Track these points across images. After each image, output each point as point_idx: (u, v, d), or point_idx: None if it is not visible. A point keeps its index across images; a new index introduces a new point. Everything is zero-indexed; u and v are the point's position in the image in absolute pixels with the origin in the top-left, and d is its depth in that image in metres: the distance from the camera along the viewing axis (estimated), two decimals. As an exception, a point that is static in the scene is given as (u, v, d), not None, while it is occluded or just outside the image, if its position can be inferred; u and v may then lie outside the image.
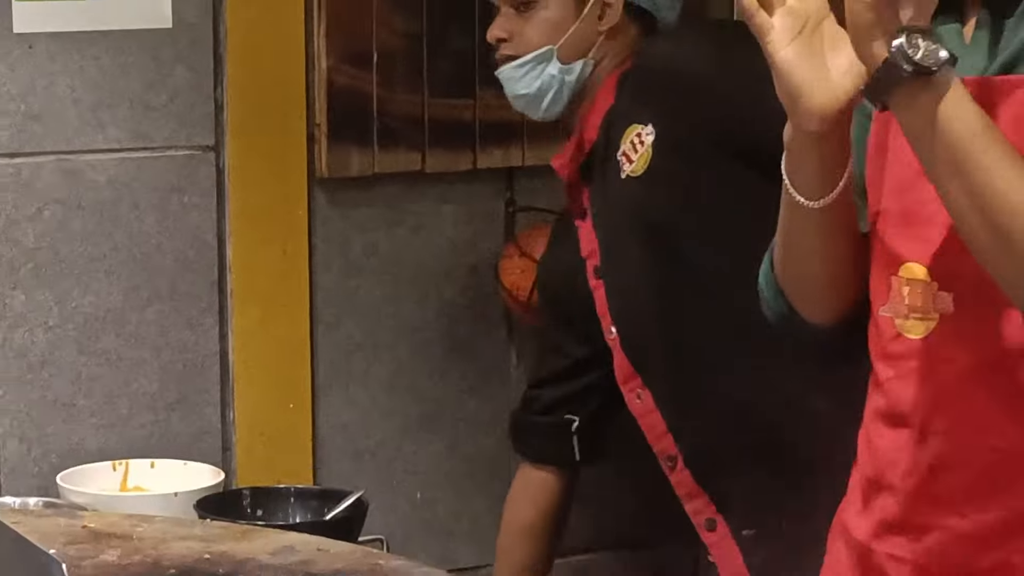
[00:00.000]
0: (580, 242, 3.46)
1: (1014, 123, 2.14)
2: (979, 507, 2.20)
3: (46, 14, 3.58)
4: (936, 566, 2.25)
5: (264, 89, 3.78)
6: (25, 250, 3.61)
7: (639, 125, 3.25)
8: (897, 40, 2.01)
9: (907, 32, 2.01)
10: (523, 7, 3.32)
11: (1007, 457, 2.17)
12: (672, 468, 3.33)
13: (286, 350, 3.85)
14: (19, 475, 3.61)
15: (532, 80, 3.34)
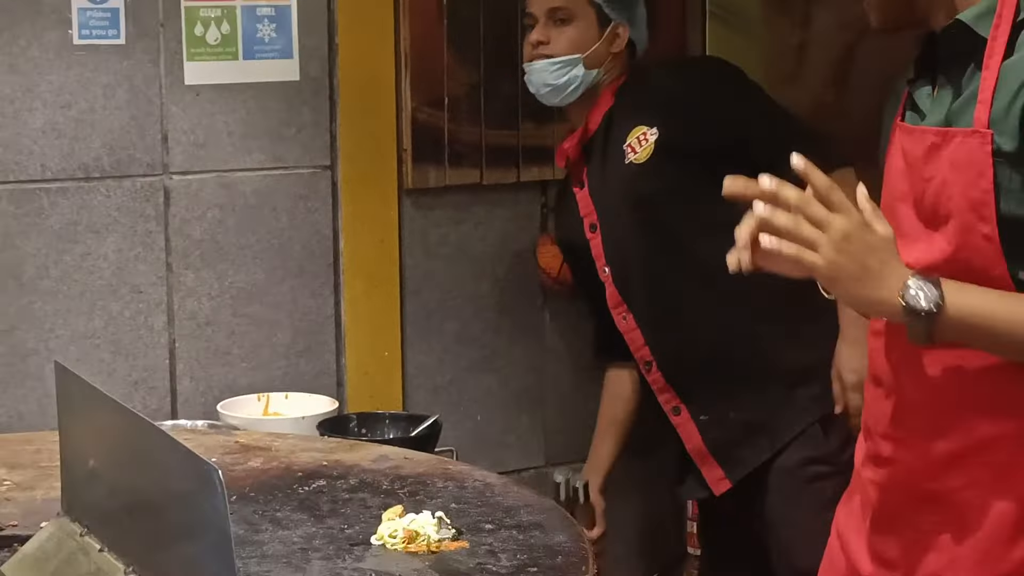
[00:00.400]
0: (578, 205, 3.52)
1: (950, 165, 2.10)
2: (924, 449, 2.18)
3: (209, 71, 3.55)
4: (894, 489, 2.23)
5: (366, 124, 3.75)
6: (194, 241, 3.59)
7: (645, 127, 3.34)
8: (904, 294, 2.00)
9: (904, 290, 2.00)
10: (559, 22, 3.41)
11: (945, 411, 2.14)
12: (648, 370, 3.44)
13: (382, 313, 3.82)
14: (190, 405, 3.60)
15: (560, 76, 3.40)
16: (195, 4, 3.51)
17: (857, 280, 2.05)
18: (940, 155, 2.10)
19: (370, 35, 3.73)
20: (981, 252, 2.07)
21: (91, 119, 3.45)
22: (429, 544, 2.04)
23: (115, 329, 3.53)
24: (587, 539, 2.13)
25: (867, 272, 2.04)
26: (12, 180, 3.39)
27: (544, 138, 3.91)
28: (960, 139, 2.07)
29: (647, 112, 3.39)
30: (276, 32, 3.61)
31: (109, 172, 3.48)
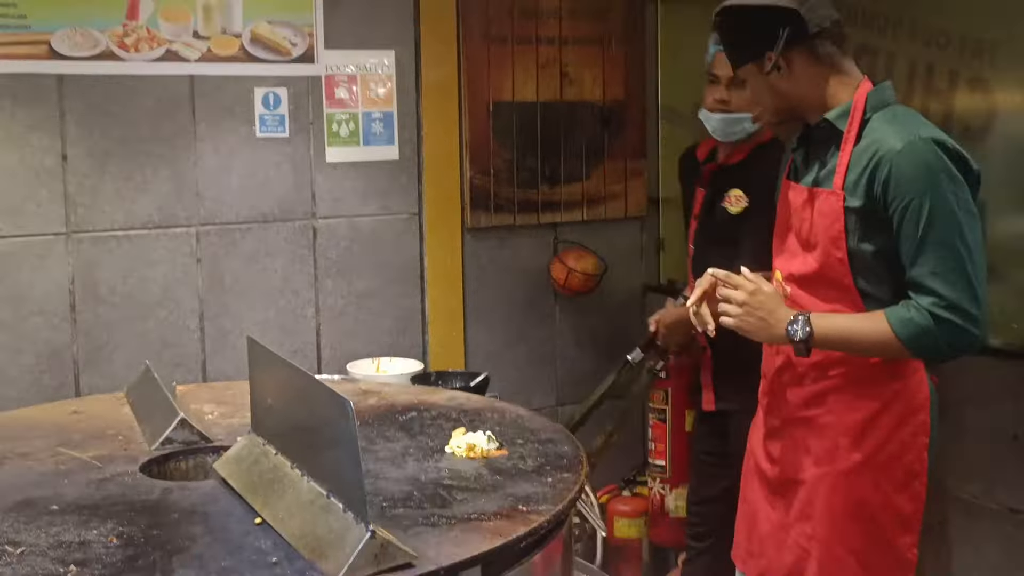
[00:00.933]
0: (696, 198, 3.09)
1: (817, 212, 2.13)
2: (797, 390, 2.21)
3: (342, 153, 3.53)
4: (777, 413, 2.25)
5: (441, 186, 3.72)
6: (332, 261, 3.58)
7: (740, 190, 2.92)
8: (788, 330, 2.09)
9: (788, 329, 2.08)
10: (738, 84, 2.75)
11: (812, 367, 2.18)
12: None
13: (451, 307, 3.78)
14: (329, 365, 3.58)
15: (733, 127, 2.88)
16: (333, 111, 3.50)
17: (759, 329, 2.13)
18: (812, 205, 2.14)
19: (443, 129, 3.70)
20: (836, 269, 2.11)
21: (267, 184, 3.45)
22: (482, 452, 2.04)
23: (282, 317, 3.51)
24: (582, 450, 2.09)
25: (763, 322, 2.11)
26: (218, 222, 3.39)
27: (555, 195, 3.89)
28: (824, 196, 2.11)
29: (751, 181, 2.92)
30: (384, 128, 3.59)
31: (279, 217, 3.48)
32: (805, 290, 2.16)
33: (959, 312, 2.00)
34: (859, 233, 2.07)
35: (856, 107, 2.11)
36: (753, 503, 2.36)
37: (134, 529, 1.68)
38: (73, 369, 3.22)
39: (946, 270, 1.99)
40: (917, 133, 2.03)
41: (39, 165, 3.14)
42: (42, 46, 3.08)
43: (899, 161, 2.00)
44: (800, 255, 2.18)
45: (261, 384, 1.97)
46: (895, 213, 2.02)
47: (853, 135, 2.10)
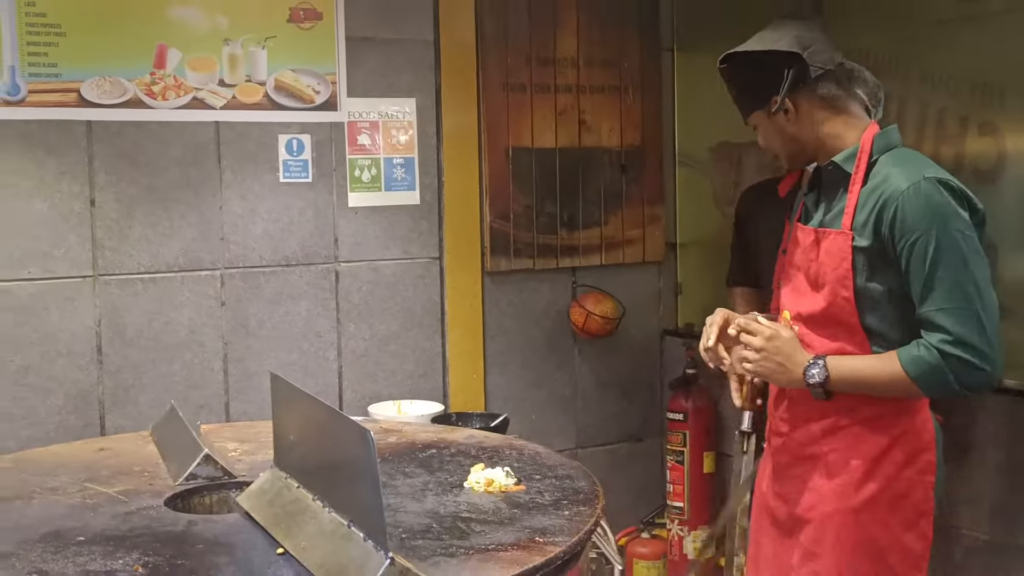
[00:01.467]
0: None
1: (825, 252, 2.16)
2: (805, 428, 2.24)
3: (364, 198, 3.59)
4: (785, 451, 2.28)
5: (462, 231, 3.76)
6: (354, 304, 3.62)
7: None
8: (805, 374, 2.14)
9: (805, 372, 2.13)
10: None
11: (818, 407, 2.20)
12: None
13: (471, 350, 3.81)
14: (351, 407, 3.61)
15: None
16: (355, 156, 3.56)
17: (777, 373, 2.18)
18: (820, 246, 2.17)
19: (464, 175, 3.75)
20: (844, 308, 2.13)
21: (291, 228, 3.50)
22: (500, 487, 2.07)
23: (305, 360, 3.55)
24: (599, 485, 2.11)
25: (781, 367, 2.16)
26: (242, 266, 3.43)
27: (573, 240, 3.94)
28: (832, 236, 2.15)
29: None
30: (405, 174, 3.65)
31: (302, 261, 3.52)
32: (812, 329, 2.19)
33: (968, 348, 2.01)
34: (867, 272, 2.10)
35: (863, 149, 2.15)
36: (762, 544, 2.36)
37: (159, 559, 1.72)
38: (99, 409, 3.27)
39: (954, 307, 2.01)
40: (923, 173, 2.07)
41: (68, 210, 3.21)
42: (72, 94, 3.16)
43: (905, 200, 2.04)
44: (808, 295, 2.21)
45: (284, 419, 2.01)
46: (903, 251, 2.05)
47: (860, 176, 2.13)
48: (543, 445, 2.77)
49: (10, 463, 2.40)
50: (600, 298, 3.93)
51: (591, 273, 4.00)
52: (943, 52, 3.03)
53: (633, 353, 4.13)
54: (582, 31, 3.93)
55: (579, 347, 4.02)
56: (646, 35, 4.05)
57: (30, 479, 2.22)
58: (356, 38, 3.54)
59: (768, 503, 2.33)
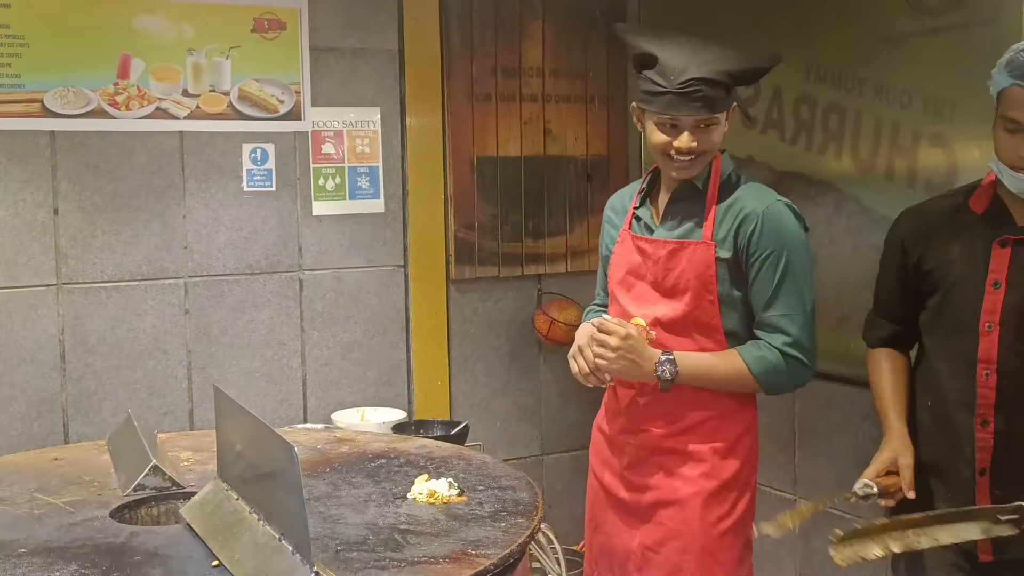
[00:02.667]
0: (991, 258, 2.12)
1: (688, 261, 2.39)
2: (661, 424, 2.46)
3: (328, 207, 3.61)
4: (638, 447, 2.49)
5: (426, 239, 3.78)
6: (318, 312, 3.64)
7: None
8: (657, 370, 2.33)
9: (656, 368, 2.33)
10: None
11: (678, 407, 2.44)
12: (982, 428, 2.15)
13: (436, 357, 3.84)
14: (315, 414, 3.63)
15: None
16: (319, 165, 3.59)
17: (631, 369, 2.35)
18: (680, 255, 2.38)
19: (428, 184, 3.77)
20: (707, 311, 2.37)
21: (254, 237, 3.52)
22: (442, 498, 2.09)
23: (269, 367, 3.57)
24: (540, 495, 2.13)
25: (634, 363, 2.34)
26: (205, 274, 3.46)
27: (539, 248, 3.97)
28: (694, 246, 2.37)
29: None
30: (369, 183, 3.67)
31: (265, 269, 3.54)
32: (672, 333, 2.39)
33: (803, 350, 2.33)
34: (727, 280, 2.35)
35: (716, 169, 2.39)
36: (611, 534, 2.53)
37: (96, 571, 1.75)
38: (63, 417, 3.30)
39: (794, 313, 2.32)
40: (774, 197, 2.37)
41: (32, 219, 3.24)
42: (35, 104, 3.19)
43: (764, 220, 2.32)
44: (662, 302, 2.40)
45: (226, 432, 2.04)
46: (755, 263, 2.33)
47: (715, 195, 2.37)
48: (507, 452, 2.78)
49: (-36, 472, 2.42)
50: (565, 305, 3.96)
51: (556, 281, 4.03)
52: (897, 67, 3.07)
53: (598, 360, 4.15)
54: (548, 42, 3.97)
55: (544, 354, 4.05)
56: (612, 45, 4.08)
57: (-19, 489, 2.25)
58: (321, 48, 3.57)
59: (617, 495, 2.51)
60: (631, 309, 2.45)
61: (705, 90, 2.28)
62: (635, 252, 2.47)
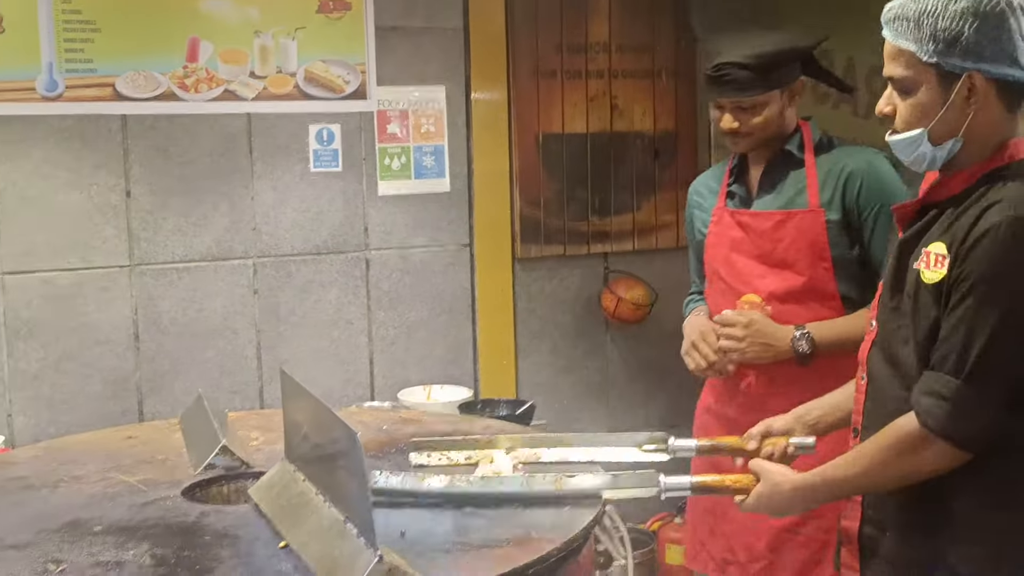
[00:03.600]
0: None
1: (799, 231, 2.36)
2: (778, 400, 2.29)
3: (394, 186, 3.64)
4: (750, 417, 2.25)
5: (492, 217, 3.80)
6: (384, 292, 3.68)
7: (943, 244, 1.72)
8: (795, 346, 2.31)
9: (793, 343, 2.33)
10: (903, 94, 1.75)
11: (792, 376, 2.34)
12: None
13: (502, 336, 3.85)
14: (382, 392, 3.66)
15: (910, 153, 1.77)
16: (385, 145, 3.61)
17: (763, 352, 2.35)
18: (787, 225, 2.37)
19: (493, 163, 3.78)
20: (822, 278, 2.36)
21: (320, 217, 3.55)
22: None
23: (336, 346, 3.61)
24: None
25: (765, 346, 2.35)
26: (274, 255, 3.50)
27: (605, 226, 3.96)
28: (802, 215, 2.37)
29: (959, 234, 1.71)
30: (435, 162, 3.69)
31: (332, 249, 3.58)
32: (788, 304, 2.36)
33: None
34: (842, 242, 2.34)
35: (807, 137, 2.42)
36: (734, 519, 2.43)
37: (167, 551, 1.79)
38: (137, 396, 3.38)
39: None
40: (873, 152, 2.40)
41: (105, 202, 3.30)
42: (107, 88, 3.25)
43: (868, 175, 2.35)
44: (773, 274, 2.38)
45: (293, 414, 2.06)
46: (868, 219, 2.33)
47: (812, 160, 2.39)
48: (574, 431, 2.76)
49: (42, 451, 2.49)
50: (631, 284, 3.94)
51: (623, 259, 4.01)
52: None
53: (666, 340, 4.07)
54: (614, 16, 3.93)
55: (611, 334, 4.04)
56: (680, 19, 4.02)
57: (58, 468, 2.30)
58: (385, 27, 3.58)
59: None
60: (738, 286, 2.44)
61: (734, 73, 2.37)
62: (735, 228, 2.47)
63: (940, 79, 1.75)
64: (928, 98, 1.77)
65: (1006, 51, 1.72)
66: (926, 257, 1.76)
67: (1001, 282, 1.68)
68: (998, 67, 1.73)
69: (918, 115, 1.78)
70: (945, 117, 1.76)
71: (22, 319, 3.22)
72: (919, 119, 1.78)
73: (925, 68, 1.75)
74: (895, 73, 1.79)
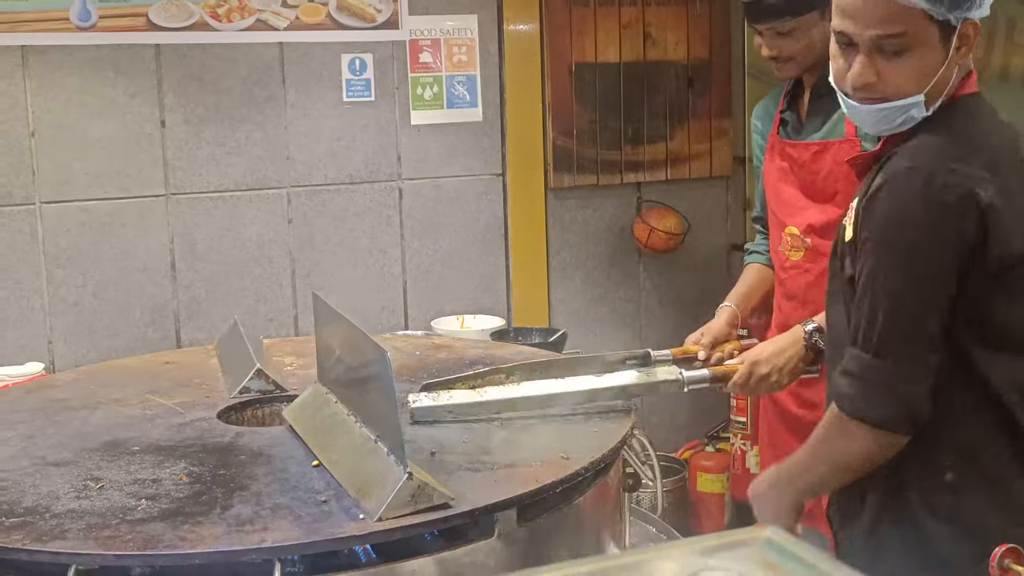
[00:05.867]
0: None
1: (836, 163, 2.23)
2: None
3: (426, 116, 3.63)
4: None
5: (524, 147, 3.78)
6: (418, 221, 3.68)
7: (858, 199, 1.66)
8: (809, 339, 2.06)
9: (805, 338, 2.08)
10: (895, 51, 1.57)
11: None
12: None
13: (535, 266, 3.85)
14: (415, 321, 3.69)
15: (893, 119, 1.61)
16: (417, 75, 3.60)
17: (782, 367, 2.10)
18: (825, 156, 2.28)
19: (526, 92, 3.76)
20: None
21: (353, 146, 3.56)
22: None
23: (370, 275, 3.63)
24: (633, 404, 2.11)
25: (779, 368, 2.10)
26: (307, 184, 3.52)
27: (638, 155, 3.92)
28: (838, 145, 2.27)
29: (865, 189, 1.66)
30: (467, 92, 3.67)
31: (366, 179, 3.59)
32: (827, 238, 2.22)
33: None
34: None
35: None
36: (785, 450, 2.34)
37: (203, 469, 1.82)
38: (174, 323, 3.42)
39: None
40: None
41: (139, 131, 3.32)
42: (140, 18, 3.24)
43: None
44: (813, 206, 2.30)
45: (325, 337, 2.08)
46: None
47: None
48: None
49: (83, 374, 2.54)
50: (664, 213, 3.92)
51: (656, 189, 3.99)
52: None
53: (699, 268, 4.12)
54: (648, -59, 3.87)
55: (643, 263, 4.03)
56: (715, -56, 3.96)
57: (99, 390, 2.35)
58: (417, -46, 3.55)
59: (791, 410, 2.44)
60: (783, 217, 2.41)
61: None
62: (782, 157, 2.43)
63: (942, 34, 1.57)
64: (929, 59, 1.58)
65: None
66: (850, 213, 1.64)
67: (895, 241, 1.54)
68: (980, 11, 1.59)
69: (916, 78, 1.59)
70: (944, 75, 1.59)
71: (60, 247, 3.26)
72: (917, 83, 1.59)
73: (929, 25, 1.56)
74: (890, 31, 1.56)
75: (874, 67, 1.59)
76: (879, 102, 1.62)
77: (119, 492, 1.72)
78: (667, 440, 3.93)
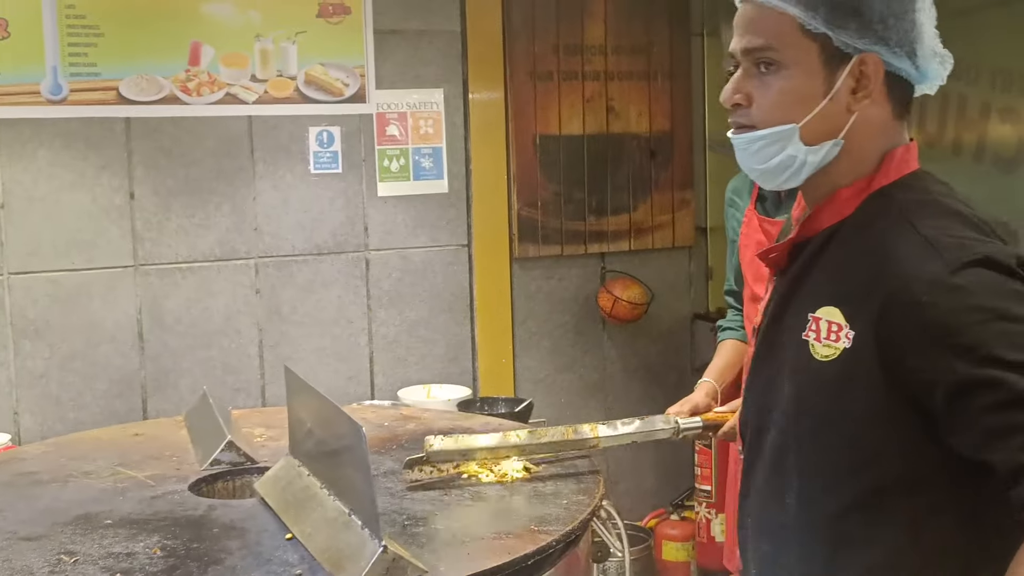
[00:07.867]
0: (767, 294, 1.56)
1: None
2: None
3: (393, 187, 3.68)
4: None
5: (490, 218, 3.84)
6: (384, 291, 3.72)
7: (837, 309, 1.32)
8: None
9: None
10: (765, 67, 1.36)
11: None
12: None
13: (500, 335, 3.89)
14: (382, 391, 3.71)
15: (770, 158, 1.38)
16: (384, 147, 3.66)
17: None
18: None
19: (491, 164, 3.82)
20: None
21: (321, 218, 3.60)
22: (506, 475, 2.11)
23: (338, 345, 3.66)
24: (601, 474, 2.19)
25: None
26: (275, 255, 3.55)
27: (602, 226, 3.99)
28: None
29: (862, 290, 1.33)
30: (433, 163, 3.73)
31: (333, 250, 3.62)
32: None
33: None
34: None
35: None
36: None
37: (177, 543, 1.84)
38: (141, 394, 3.43)
39: None
40: None
41: (109, 203, 3.36)
42: (111, 92, 3.31)
43: None
44: None
45: (297, 410, 2.12)
46: None
47: None
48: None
49: (52, 447, 2.54)
50: (628, 283, 3.99)
51: (620, 259, 4.06)
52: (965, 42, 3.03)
53: (663, 338, 4.19)
54: (610, 18, 3.98)
55: (608, 332, 4.09)
56: (675, 20, 4.08)
57: (68, 463, 2.36)
58: (384, 31, 3.64)
59: None
60: (760, 291, 2.38)
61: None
62: (761, 233, 2.44)
63: (824, 58, 1.34)
64: (805, 82, 1.35)
65: (909, 37, 1.34)
66: (815, 324, 1.33)
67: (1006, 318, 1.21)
68: (897, 56, 1.34)
69: (789, 104, 1.35)
70: (826, 111, 1.35)
71: (28, 319, 3.28)
72: (789, 109, 1.36)
73: (805, 40, 1.34)
74: (757, 43, 1.36)
75: (746, 86, 1.39)
76: (749, 130, 1.40)
77: (93, 566, 1.74)
78: (632, 509, 3.96)
